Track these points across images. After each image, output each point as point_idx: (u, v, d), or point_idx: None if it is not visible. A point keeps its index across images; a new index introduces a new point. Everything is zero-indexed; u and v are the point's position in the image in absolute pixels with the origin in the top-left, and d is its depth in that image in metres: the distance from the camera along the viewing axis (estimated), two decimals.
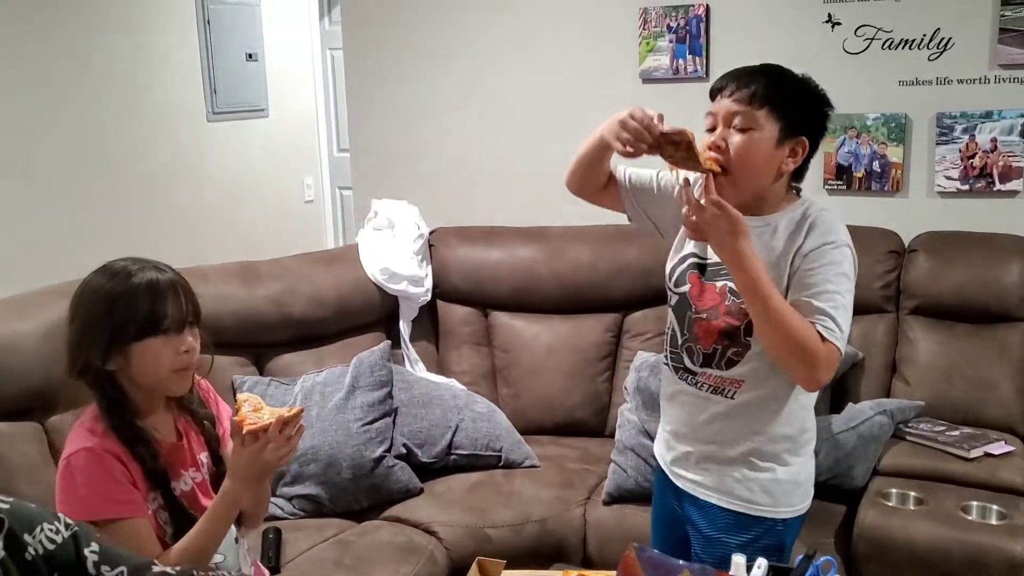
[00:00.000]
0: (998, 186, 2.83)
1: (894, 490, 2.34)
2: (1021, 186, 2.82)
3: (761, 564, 1.41)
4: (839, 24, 2.95)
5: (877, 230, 2.86)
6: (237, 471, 1.47)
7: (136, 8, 4.28)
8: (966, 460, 2.40)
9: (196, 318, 1.53)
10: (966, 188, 2.87)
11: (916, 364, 2.71)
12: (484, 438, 2.70)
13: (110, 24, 4.16)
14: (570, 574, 1.57)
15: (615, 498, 2.48)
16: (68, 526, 0.94)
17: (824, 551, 1.55)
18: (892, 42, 2.89)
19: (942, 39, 2.83)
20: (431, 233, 3.18)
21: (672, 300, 1.76)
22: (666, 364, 1.79)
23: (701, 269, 1.70)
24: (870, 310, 2.77)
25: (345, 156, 4.96)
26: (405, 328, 3.01)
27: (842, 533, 2.29)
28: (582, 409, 2.95)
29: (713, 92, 1.64)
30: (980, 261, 2.70)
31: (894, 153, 2.94)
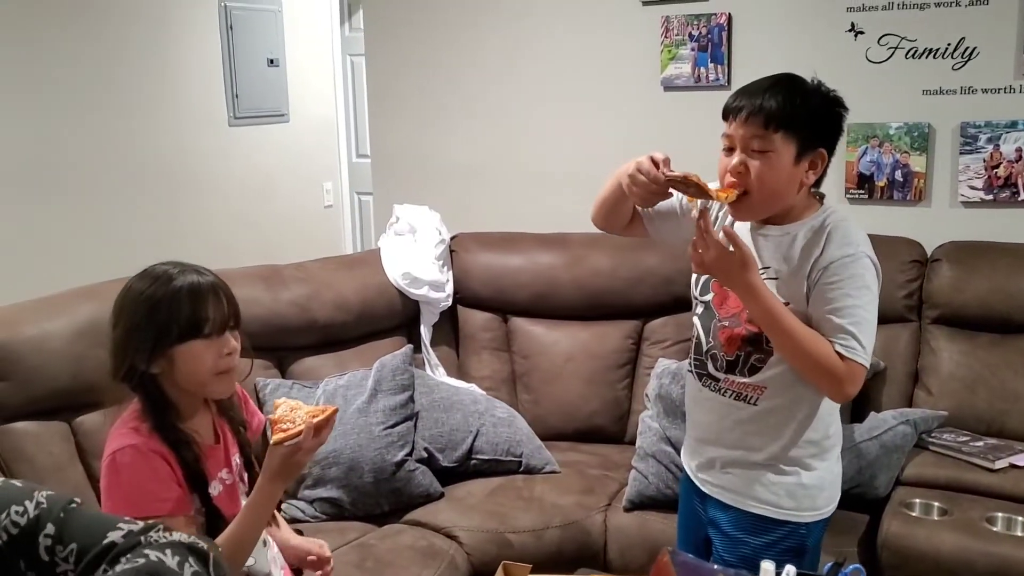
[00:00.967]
0: (1023, 196, 2.82)
1: (918, 500, 2.33)
2: None
3: (790, 572, 1.41)
4: (862, 33, 2.95)
5: (899, 239, 2.85)
6: (271, 470, 1.48)
7: (159, 13, 4.32)
8: (991, 471, 2.38)
9: (236, 321, 1.54)
10: (990, 198, 2.86)
11: (939, 374, 2.69)
12: (504, 443, 2.70)
13: (134, 30, 4.20)
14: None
15: (636, 504, 2.47)
16: (38, 504, 0.82)
17: (847, 560, 1.54)
18: (916, 51, 2.89)
19: (967, 48, 2.82)
20: (452, 239, 3.19)
21: (698, 309, 1.80)
22: (690, 371, 1.82)
23: None
24: (892, 319, 2.75)
25: (364, 162, 5.00)
26: (426, 333, 3.02)
27: (865, 542, 2.28)
28: (601, 416, 2.95)
29: (726, 113, 1.65)
30: (1004, 271, 2.69)
31: (917, 162, 2.94)
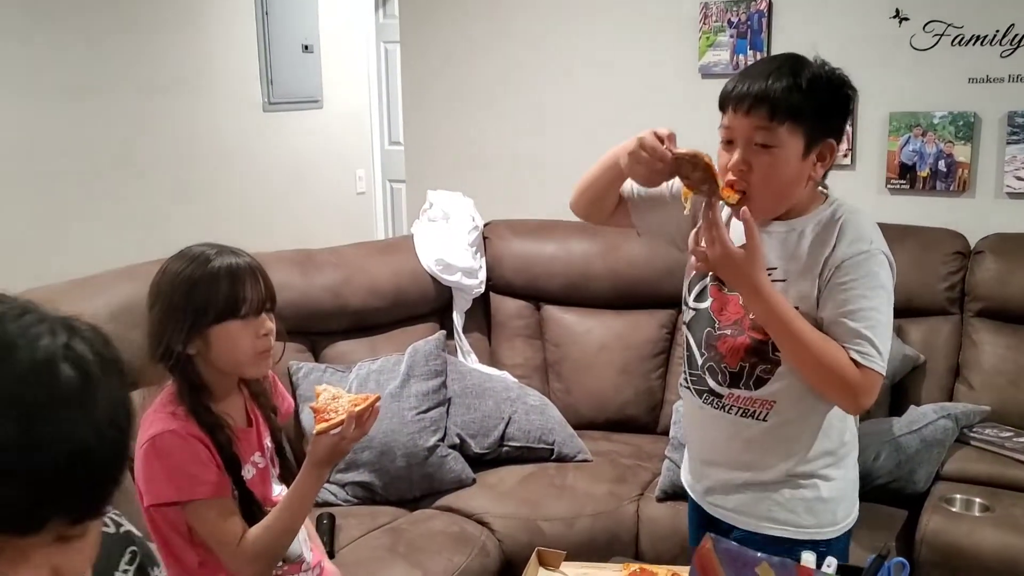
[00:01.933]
0: None
1: (958, 496, 2.28)
2: None
3: (831, 563, 1.38)
4: (907, 19, 2.88)
5: (941, 231, 2.79)
6: (316, 458, 1.49)
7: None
8: None
9: (272, 303, 1.55)
10: None
11: (981, 368, 2.64)
12: (537, 431, 2.69)
13: (170, 15, 4.23)
14: (630, 567, 1.55)
15: (669, 495, 2.45)
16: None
17: (890, 553, 1.50)
18: (963, 38, 2.82)
19: (1016, 35, 2.75)
20: (485, 226, 3.17)
21: (687, 316, 1.63)
22: (686, 387, 1.65)
23: (721, 280, 1.56)
24: (933, 312, 2.70)
25: (396, 149, 5.00)
26: (458, 319, 3.02)
27: (903, 537, 2.24)
28: (634, 406, 2.93)
29: (724, 101, 1.49)
30: None
31: (961, 152, 2.87)
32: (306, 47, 4.92)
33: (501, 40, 3.52)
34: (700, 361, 1.59)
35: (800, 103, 1.43)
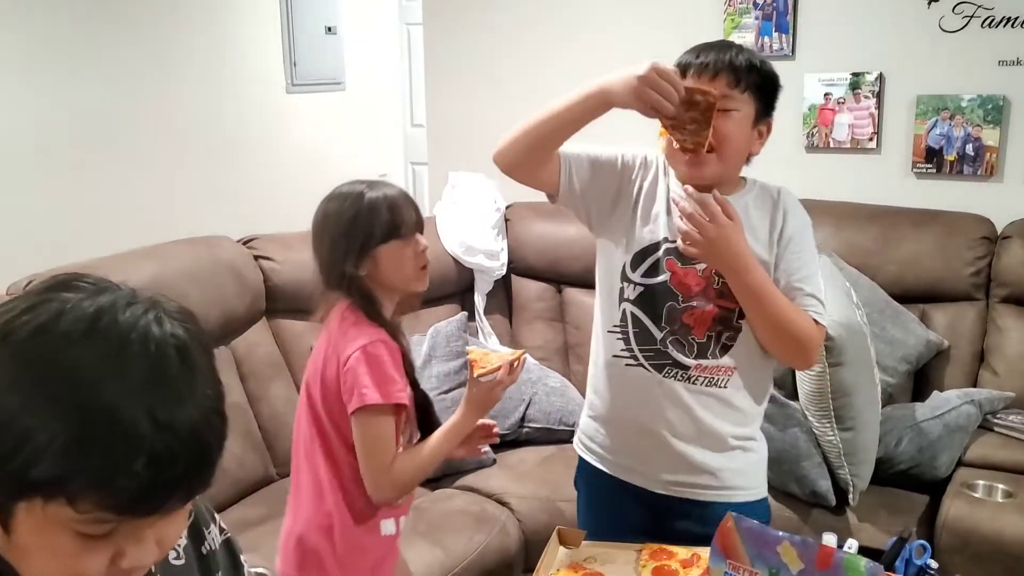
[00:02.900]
0: None
1: (981, 482, 2.27)
2: None
3: (852, 545, 1.38)
4: (936, 1, 2.85)
5: (968, 215, 2.76)
6: (474, 400, 1.62)
7: None
8: None
9: (422, 225, 1.66)
10: None
11: (1006, 354, 2.62)
12: (557, 412, 2.70)
13: None
14: (650, 547, 1.56)
15: None
16: (223, 530, 0.98)
17: (912, 536, 1.51)
18: (993, 20, 2.78)
19: None
20: (507, 208, 3.17)
21: (633, 293, 1.60)
22: (636, 365, 1.60)
23: (677, 254, 1.57)
24: (958, 298, 2.68)
25: (418, 131, 5.00)
26: (480, 301, 3.03)
27: (925, 522, 2.24)
28: None
29: (685, 68, 1.57)
30: None
31: (989, 136, 2.84)
32: (329, 29, 4.93)
33: (524, 22, 3.51)
34: (660, 336, 1.59)
35: (757, 77, 1.56)
